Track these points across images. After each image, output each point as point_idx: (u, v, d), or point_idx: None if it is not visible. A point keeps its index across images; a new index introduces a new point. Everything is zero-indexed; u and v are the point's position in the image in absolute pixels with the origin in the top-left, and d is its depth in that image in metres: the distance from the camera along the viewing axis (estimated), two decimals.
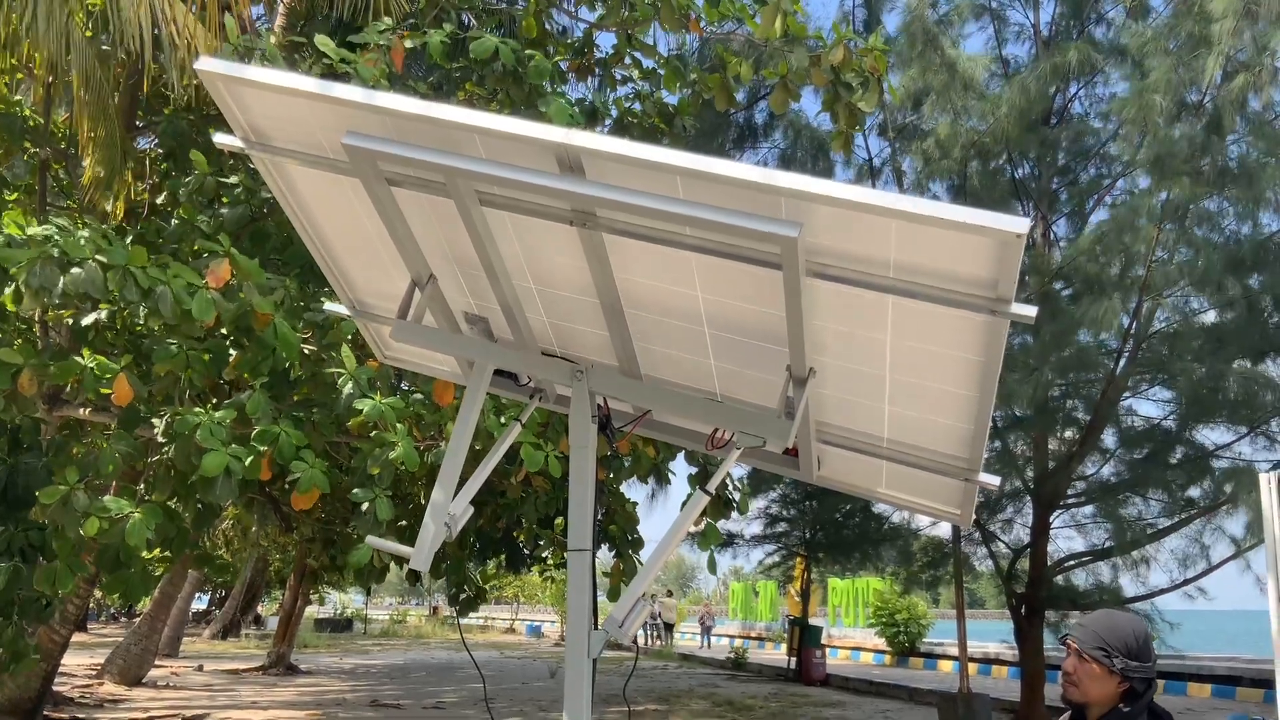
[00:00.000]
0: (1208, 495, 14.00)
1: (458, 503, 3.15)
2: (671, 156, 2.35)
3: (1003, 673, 24.14)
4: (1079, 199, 15.24)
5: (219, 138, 3.02)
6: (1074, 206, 15.27)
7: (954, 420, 2.93)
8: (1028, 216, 14.67)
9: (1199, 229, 13.21)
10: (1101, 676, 2.88)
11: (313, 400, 9.17)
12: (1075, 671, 2.95)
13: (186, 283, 7.21)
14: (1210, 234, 13.37)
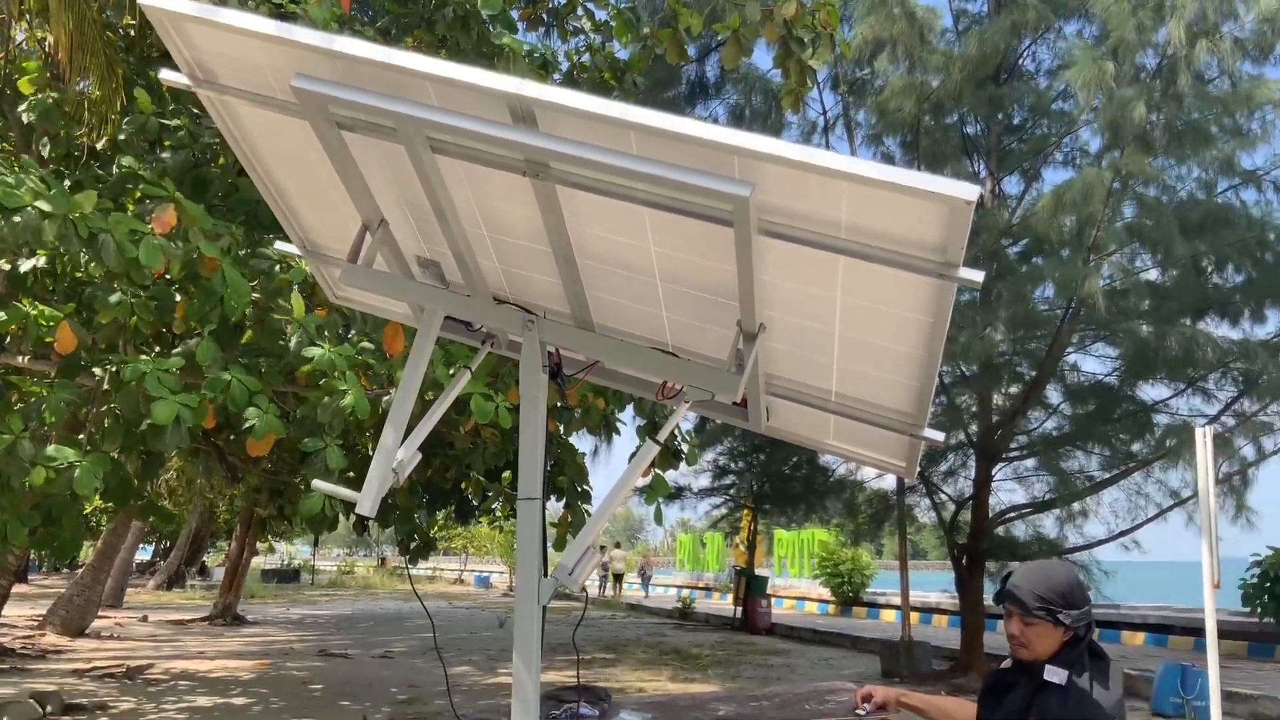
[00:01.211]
0: (1147, 449, 14.35)
1: (406, 449, 3.15)
2: (625, 111, 2.34)
3: (943, 621, 24.70)
4: (1028, 156, 15.36)
5: (165, 74, 2.95)
6: (1023, 164, 15.39)
7: (901, 377, 2.97)
8: (978, 173, 14.86)
9: (1149, 190, 13.41)
10: (1048, 633, 2.97)
11: (257, 348, 9.06)
12: (1022, 634, 3.02)
13: (130, 229, 7.06)
14: (1160, 195, 13.58)
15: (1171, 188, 13.78)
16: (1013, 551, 15.21)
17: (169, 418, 7.21)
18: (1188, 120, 12.78)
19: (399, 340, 8.40)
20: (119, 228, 6.98)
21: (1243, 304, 14.06)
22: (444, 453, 12.02)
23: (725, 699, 4.58)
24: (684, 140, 2.28)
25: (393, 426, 3.06)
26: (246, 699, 13.10)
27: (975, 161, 15.40)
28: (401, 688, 14.20)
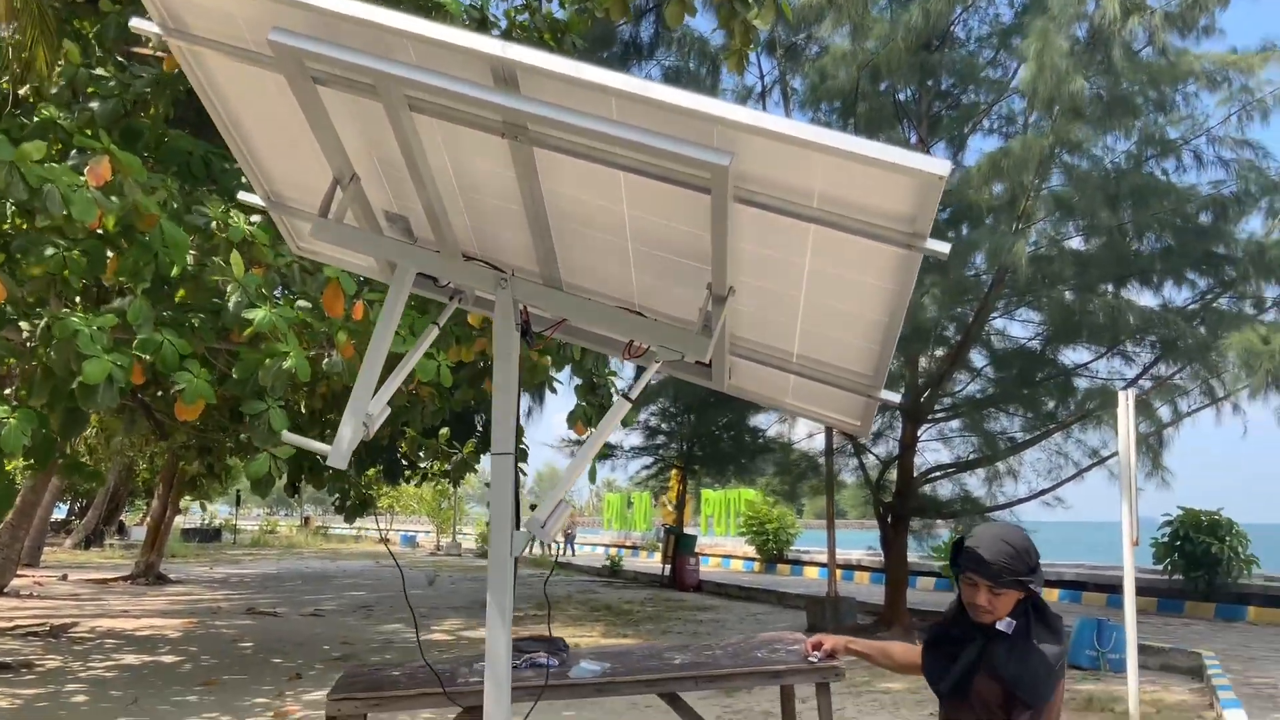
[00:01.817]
0: (1067, 411, 14.82)
1: (376, 402, 3.19)
2: (608, 77, 2.37)
3: (864, 578, 25.35)
4: (959, 123, 15.63)
5: (136, 22, 2.92)
6: (954, 131, 15.65)
7: (862, 341, 3.07)
8: (909, 139, 15.08)
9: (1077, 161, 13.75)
10: (1013, 598, 3.09)
11: (189, 305, 8.92)
12: (990, 604, 3.09)
13: (66, 182, 6.90)
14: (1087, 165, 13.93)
15: (1099, 158, 14.14)
16: (937, 510, 15.64)
17: (101, 376, 7.10)
18: (1117, 92, 13.10)
19: (339, 301, 8.34)
20: (60, 179, 6.82)
21: (1162, 272, 14.53)
22: None
23: (680, 649, 4.72)
24: (664, 108, 2.33)
25: (365, 380, 3.09)
26: (176, 657, 13.01)
27: (906, 128, 15.63)
28: (335, 645, 14.21)
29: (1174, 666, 11.64)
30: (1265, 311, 14.20)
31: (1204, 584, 17.49)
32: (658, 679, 4.10)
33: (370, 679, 4.12)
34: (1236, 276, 14.00)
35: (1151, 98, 13.75)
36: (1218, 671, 10.43)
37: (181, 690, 10.65)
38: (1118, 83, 13.08)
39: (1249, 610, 16.97)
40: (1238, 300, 14.58)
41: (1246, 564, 17.50)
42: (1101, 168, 14.08)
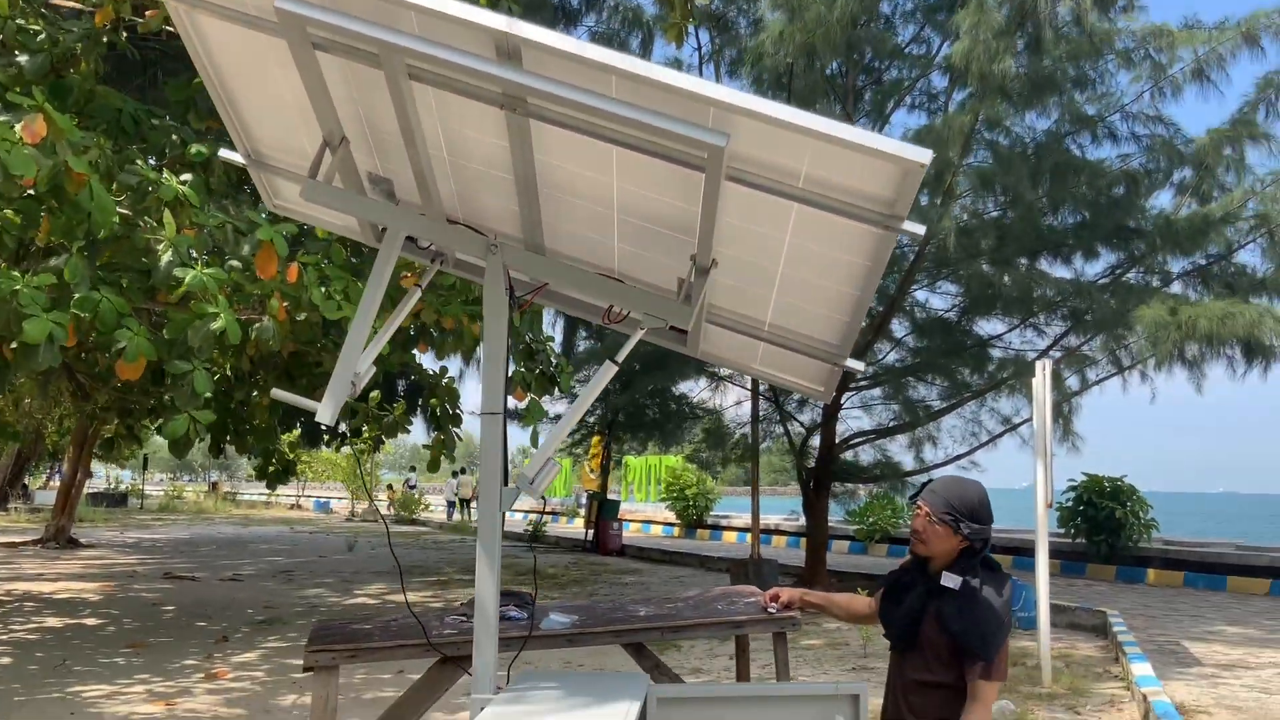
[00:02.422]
0: (982, 380, 15.32)
1: (362, 361, 3.27)
2: (610, 56, 2.48)
3: (781, 542, 25.91)
4: (886, 98, 15.93)
5: None
6: (882, 106, 15.95)
7: (833, 312, 3.25)
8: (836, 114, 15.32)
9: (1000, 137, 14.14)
10: (946, 536, 3.30)
11: (117, 265, 8.78)
12: (924, 531, 3.35)
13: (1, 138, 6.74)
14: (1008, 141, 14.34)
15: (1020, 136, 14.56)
16: (858, 475, 16.07)
17: (42, 335, 7.00)
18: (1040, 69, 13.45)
19: (272, 263, 8.27)
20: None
21: (1075, 245, 15.04)
22: (310, 372, 11.91)
23: (643, 602, 4.89)
24: (664, 88, 2.44)
25: (355, 338, 3.18)
26: (98, 619, 12.84)
27: (832, 103, 15.89)
28: (258, 609, 14.13)
29: (1080, 625, 12.21)
30: (1171, 284, 14.81)
31: (1106, 547, 18.24)
32: (625, 629, 4.29)
33: (343, 631, 4.21)
34: (1146, 250, 14.55)
35: (1071, 75, 14.17)
36: (1122, 629, 10.99)
37: (109, 652, 10.55)
38: (1041, 60, 13.45)
39: (1148, 572, 17.79)
40: (1146, 274, 15.17)
41: (1146, 528, 18.29)
42: (1022, 144, 14.50)
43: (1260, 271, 14.43)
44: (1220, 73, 14.03)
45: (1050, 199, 14.21)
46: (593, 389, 3.21)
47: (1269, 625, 12.66)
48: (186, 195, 8.27)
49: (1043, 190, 13.69)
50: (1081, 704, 8.17)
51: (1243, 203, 14.46)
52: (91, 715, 7.99)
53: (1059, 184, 13.87)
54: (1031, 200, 13.45)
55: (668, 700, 3.23)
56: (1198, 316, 12.29)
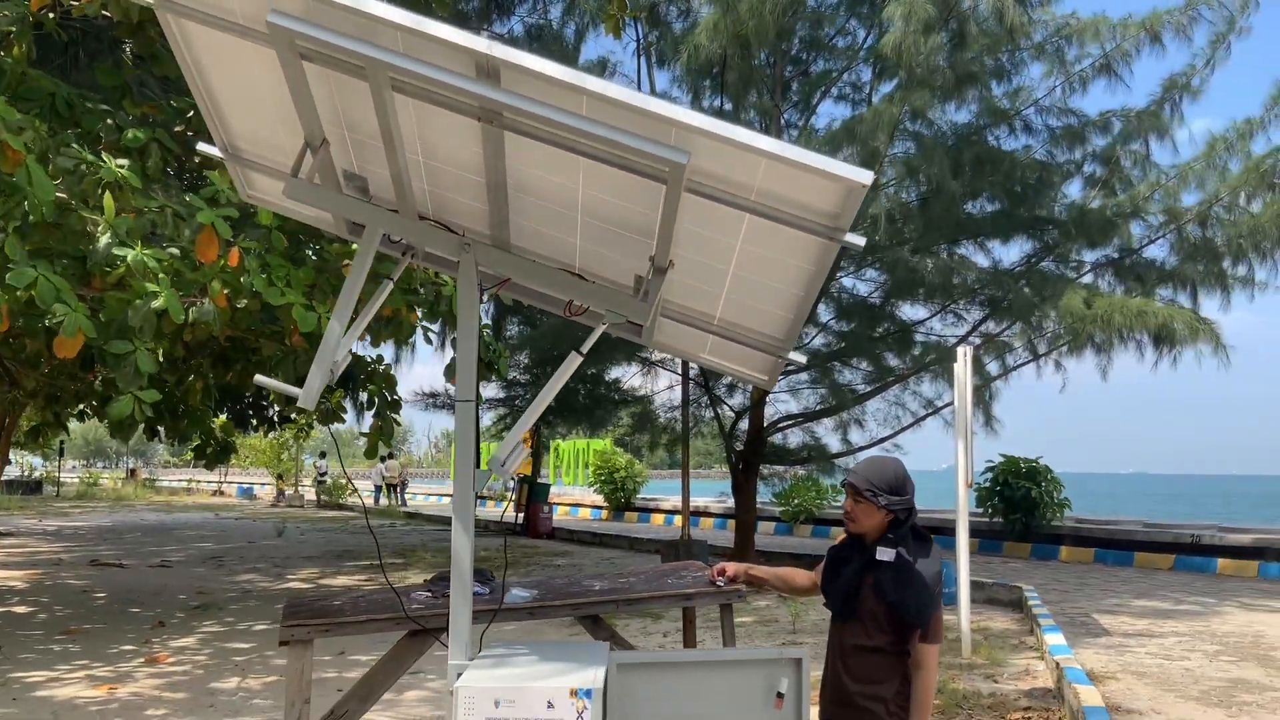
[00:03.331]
0: (905, 365, 15.83)
1: (340, 350, 3.46)
2: (582, 79, 2.71)
3: (709, 523, 26.39)
4: (814, 89, 16.30)
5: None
6: (809, 97, 16.32)
7: (778, 309, 3.53)
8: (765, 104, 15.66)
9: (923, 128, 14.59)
10: (871, 512, 3.63)
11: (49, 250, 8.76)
12: (852, 510, 3.70)
13: None
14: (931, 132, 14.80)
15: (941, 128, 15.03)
16: (785, 457, 16.50)
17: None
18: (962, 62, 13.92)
19: (213, 247, 8.32)
20: None
21: (993, 233, 15.60)
22: (247, 358, 11.94)
23: (596, 577, 5.14)
24: (629, 108, 2.68)
25: (335, 326, 3.37)
26: (29, 608, 12.74)
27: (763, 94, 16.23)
28: (190, 595, 14.11)
29: (997, 599, 12.77)
30: (1084, 274, 15.45)
31: (1021, 526, 18.96)
32: (583, 603, 4.54)
33: (316, 607, 4.40)
34: (1060, 239, 15.15)
35: (990, 68, 14.68)
36: (1037, 603, 11.54)
37: (44, 639, 10.51)
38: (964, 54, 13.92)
39: (1061, 550, 18.53)
40: (1058, 262, 15.79)
41: (1060, 507, 19.04)
42: (944, 135, 14.98)
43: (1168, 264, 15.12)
44: (1126, 68, 14.68)
45: (970, 188, 14.70)
46: (558, 378, 3.44)
47: (1173, 598, 13.35)
48: (126, 179, 8.28)
49: (963, 180, 14.17)
50: (999, 673, 8.63)
51: (1148, 195, 15.14)
52: (34, 701, 8.02)
53: (978, 174, 14.38)
54: (953, 189, 13.92)
55: (627, 666, 3.50)
56: (1113, 310, 12.89)
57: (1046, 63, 15.43)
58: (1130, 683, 8.19)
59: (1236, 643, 10.02)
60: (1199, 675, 8.52)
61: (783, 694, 3.61)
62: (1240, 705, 7.50)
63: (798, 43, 16.38)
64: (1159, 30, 14.22)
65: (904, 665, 3.62)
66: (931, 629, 3.57)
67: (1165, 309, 13.33)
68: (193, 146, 10.58)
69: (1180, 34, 14.22)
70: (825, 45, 16.48)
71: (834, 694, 3.74)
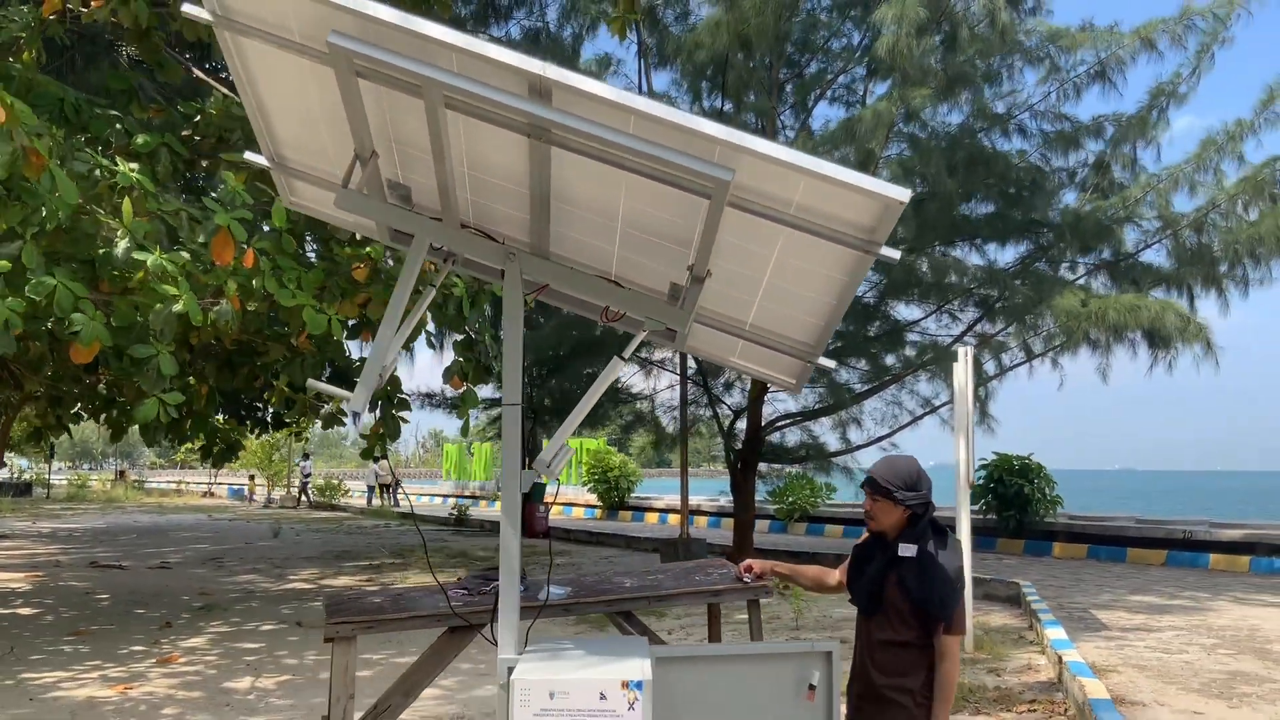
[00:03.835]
0: (900, 364, 15.99)
1: (388, 354, 3.59)
2: (631, 99, 2.82)
3: (703, 521, 26.54)
4: (810, 89, 16.45)
5: (187, 8, 3.21)
6: (805, 97, 16.46)
7: (810, 317, 3.65)
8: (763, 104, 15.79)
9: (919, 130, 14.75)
10: (890, 508, 3.77)
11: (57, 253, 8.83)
12: (871, 509, 3.83)
13: None
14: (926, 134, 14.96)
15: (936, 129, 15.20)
16: (783, 456, 16.64)
17: (1, 320, 7.11)
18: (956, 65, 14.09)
19: (228, 249, 8.42)
20: None
21: (989, 235, 15.78)
22: (252, 362, 12.01)
23: (625, 574, 5.26)
24: (676, 128, 2.79)
25: (387, 331, 3.49)
26: (34, 609, 12.80)
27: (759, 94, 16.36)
28: (193, 596, 14.18)
29: (995, 595, 12.94)
30: (1079, 276, 15.64)
31: (1014, 522, 19.16)
32: (617, 599, 4.66)
33: (358, 604, 4.51)
34: (1054, 241, 15.34)
35: (982, 71, 14.85)
36: (1035, 598, 11.71)
37: (53, 640, 10.58)
38: (957, 56, 14.08)
39: (1054, 546, 18.74)
40: (1053, 264, 15.98)
41: (1052, 504, 19.25)
42: (938, 137, 15.14)
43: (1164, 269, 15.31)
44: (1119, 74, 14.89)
45: (965, 190, 14.87)
46: (601, 382, 3.56)
47: (1167, 593, 13.55)
48: (141, 183, 8.38)
49: (958, 181, 14.33)
50: (1002, 668, 8.79)
51: (1140, 197, 15.32)
52: (50, 701, 8.11)
53: (973, 176, 14.55)
54: (948, 190, 14.08)
55: (664, 659, 3.62)
56: (1106, 308, 13.08)
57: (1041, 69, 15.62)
58: (1131, 675, 8.35)
59: (1233, 636, 10.20)
60: (1198, 668, 8.69)
61: (814, 686, 3.74)
62: (1241, 697, 7.67)
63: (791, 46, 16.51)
64: (1153, 38, 14.44)
65: (929, 658, 3.75)
66: (955, 621, 3.70)
67: (1158, 304, 13.50)
68: (200, 151, 10.71)
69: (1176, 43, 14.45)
70: (820, 48, 16.62)
71: (862, 688, 3.87)
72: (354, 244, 9.86)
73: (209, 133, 10.21)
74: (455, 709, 7.73)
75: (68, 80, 11.65)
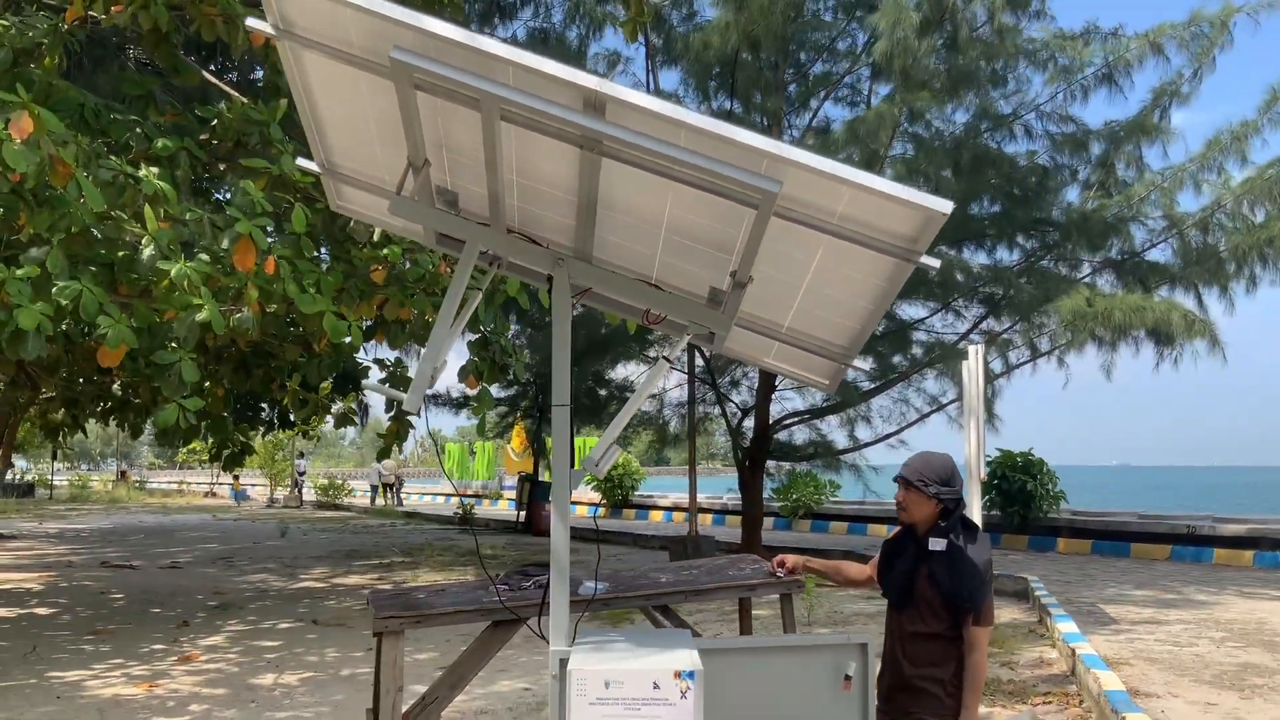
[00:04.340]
0: (906, 362, 16.13)
1: (439, 357, 3.71)
2: (683, 114, 2.93)
3: (706, 519, 26.65)
4: (815, 91, 16.57)
5: (251, 22, 3.34)
6: (810, 98, 16.60)
7: (847, 320, 3.76)
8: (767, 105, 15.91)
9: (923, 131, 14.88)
10: (922, 501, 3.91)
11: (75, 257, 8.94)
12: (904, 500, 3.98)
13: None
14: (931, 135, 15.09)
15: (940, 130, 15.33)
16: (791, 454, 16.77)
17: (33, 324, 7.23)
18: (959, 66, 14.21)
19: (250, 256, 8.53)
20: None
21: (995, 235, 15.91)
22: (267, 364, 12.13)
23: (660, 570, 5.39)
24: (725, 141, 2.90)
25: (438, 333, 3.62)
26: (50, 609, 12.93)
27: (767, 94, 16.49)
28: (208, 594, 14.31)
29: (1002, 590, 13.06)
30: (1084, 275, 15.77)
31: (1019, 518, 19.28)
32: (656, 593, 4.80)
33: (404, 599, 4.63)
34: (1060, 240, 15.47)
35: (986, 73, 14.98)
36: (1044, 593, 11.84)
37: (74, 639, 10.71)
38: (959, 58, 14.21)
39: (1059, 541, 18.88)
40: (1057, 262, 16.12)
41: (1055, 500, 19.39)
42: (944, 137, 15.27)
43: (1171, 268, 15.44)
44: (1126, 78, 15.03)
45: (970, 189, 14.99)
46: (649, 384, 3.68)
47: (1174, 587, 13.68)
48: (164, 190, 8.49)
49: (962, 181, 14.46)
50: (1015, 661, 8.92)
51: (1144, 196, 15.46)
52: (77, 699, 8.23)
53: (978, 176, 14.68)
54: (954, 190, 14.21)
55: (707, 651, 3.74)
56: (1112, 308, 13.21)
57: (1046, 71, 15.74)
58: (1143, 668, 8.48)
59: (1241, 629, 10.33)
60: (1209, 660, 8.82)
61: (850, 676, 3.86)
62: (1253, 688, 7.80)
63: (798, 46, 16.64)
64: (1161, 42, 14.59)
65: (958, 649, 3.88)
66: (984, 613, 3.83)
67: (1164, 304, 13.64)
68: (217, 154, 10.82)
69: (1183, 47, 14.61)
70: (826, 47, 16.74)
71: (893, 678, 4.00)
72: (372, 246, 9.98)
73: (226, 137, 10.31)
74: (480, 704, 7.86)
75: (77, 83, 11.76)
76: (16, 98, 7.42)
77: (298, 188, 9.69)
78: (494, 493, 38.22)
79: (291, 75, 3.57)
